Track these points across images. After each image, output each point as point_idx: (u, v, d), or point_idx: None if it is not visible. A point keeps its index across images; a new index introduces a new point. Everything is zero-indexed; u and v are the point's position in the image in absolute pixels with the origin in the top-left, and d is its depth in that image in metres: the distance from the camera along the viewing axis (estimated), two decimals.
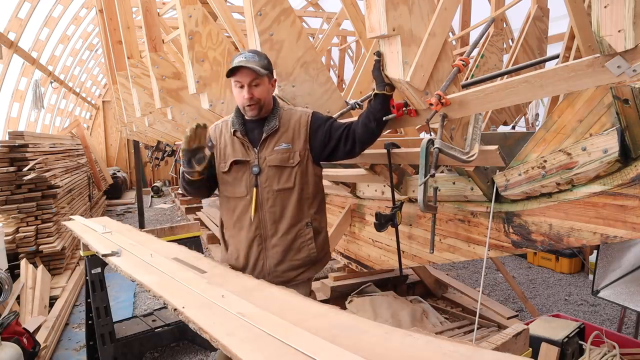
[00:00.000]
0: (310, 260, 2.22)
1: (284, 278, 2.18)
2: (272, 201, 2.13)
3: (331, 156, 2.17)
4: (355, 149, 2.10)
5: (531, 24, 4.37)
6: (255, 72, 2.00)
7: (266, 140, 2.13)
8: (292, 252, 2.18)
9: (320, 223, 2.26)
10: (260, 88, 2.06)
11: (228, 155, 2.18)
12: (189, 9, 2.84)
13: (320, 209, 2.27)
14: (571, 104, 1.81)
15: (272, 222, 2.15)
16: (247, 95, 2.05)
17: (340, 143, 2.09)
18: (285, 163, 2.11)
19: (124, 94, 5.37)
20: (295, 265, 2.19)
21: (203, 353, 3.84)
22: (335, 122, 2.15)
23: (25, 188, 5.49)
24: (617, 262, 3.12)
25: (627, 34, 1.19)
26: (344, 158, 2.19)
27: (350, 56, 10.35)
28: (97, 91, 16.15)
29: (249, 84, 2.04)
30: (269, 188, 2.12)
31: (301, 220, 2.17)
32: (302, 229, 2.17)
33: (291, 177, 2.12)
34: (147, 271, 2.05)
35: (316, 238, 2.22)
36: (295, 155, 2.12)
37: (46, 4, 7.89)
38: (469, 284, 5.07)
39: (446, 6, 1.78)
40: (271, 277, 2.15)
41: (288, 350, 1.18)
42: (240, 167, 2.16)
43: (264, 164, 2.12)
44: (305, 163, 2.15)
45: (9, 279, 3.73)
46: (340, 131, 2.09)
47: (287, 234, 2.15)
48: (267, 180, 2.12)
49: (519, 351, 1.78)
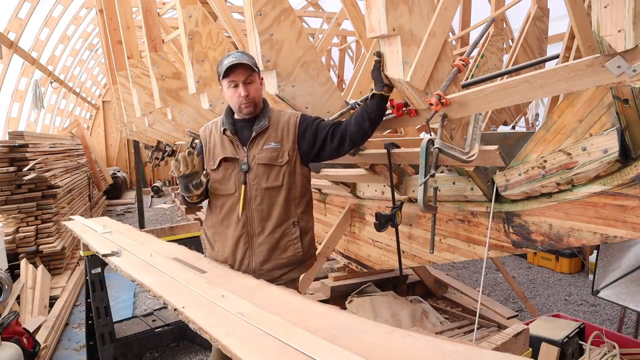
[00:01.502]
0: (296, 259, 2.22)
1: (269, 277, 2.16)
2: (260, 199, 2.14)
3: (319, 155, 2.17)
4: (343, 146, 2.09)
5: (531, 24, 4.38)
6: (250, 68, 2.05)
7: (255, 138, 2.15)
8: (278, 250, 2.18)
9: (307, 223, 2.27)
10: (254, 85, 2.11)
11: (217, 153, 2.21)
12: (189, 9, 2.84)
13: (307, 210, 2.28)
14: (571, 104, 1.81)
15: (260, 220, 2.16)
16: (243, 93, 2.08)
17: (327, 141, 2.10)
18: (274, 162, 2.13)
19: (124, 94, 5.37)
20: (280, 264, 2.20)
21: (203, 353, 3.84)
22: (322, 121, 2.16)
23: (25, 188, 5.49)
24: (617, 262, 3.12)
25: (627, 34, 1.19)
26: (333, 156, 2.19)
27: (350, 56, 10.36)
28: (97, 91, 16.15)
29: (243, 82, 2.08)
30: (258, 186, 2.13)
31: (288, 219, 2.18)
32: (288, 228, 2.18)
33: (279, 175, 2.14)
34: (147, 271, 2.05)
35: (302, 238, 2.23)
36: (284, 155, 2.14)
37: (46, 4, 7.90)
38: (469, 284, 5.07)
39: (446, 6, 1.78)
40: (256, 275, 2.13)
41: (288, 350, 1.18)
42: (229, 164, 2.18)
43: (253, 162, 2.14)
44: (294, 163, 2.16)
45: (9, 279, 3.73)
46: (327, 129, 2.10)
47: (274, 232, 2.16)
48: (255, 177, 2.13)
49: (519, 351, 1.78)
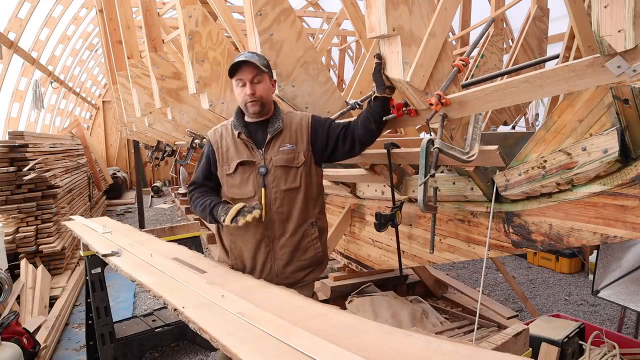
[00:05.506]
0: (317, 259, 2.23)
1: (292, 279, 2.18)
2: (280, 201, 2.13)
3: (332, 157, 2.19)
4: (355, 149, 2.11)
5: (531, 24, 4.37)
6: (256, 67, 2.03)
7: (271, 141, 2.14)
8: (300, 252, 2.18)
9: (323, 223, 2.29)
10: (262, 85, 2.08)
11: (232, 157, 2.17)
12: (189, 9, 2.84)
13: (322, 209, 2.29)
14: (571, 104, 1.81)
15: (280, 222, 2.15)
16: (249, 92, 2.06)
17: (339, 143, 2.11)
18: (291, 163, 2.12)
19: (124, 94, 5.37)
20: (302, 265, 2.20)
21: (203, 353, 3.84)
22: (333, 123, 2.16)
23: (25, 188, 5.48)
24: (617, 262, 3.12)
25: (627, 34, 1.19)
26: (345, 158, 2.20)
27: (350, 56, 10.36)
28: (97, 91, 16.15)
29: (250, 81, 2.06)
30: (277, 188, 2.12)
31: (307, 220, 2.18)
32: (308, 228, 2.18)
33: (297, 177, 2.13)
34: (147, 271, 2.05)
35: (321, 237, 2.24)
36: (300, 156, 2.13)
37: (46, 4, 7.89)
38: (469, 284, 5.07)
39: (446, 6, 1.78)
40: (279, 279, 2.15)
41: (288, 350, 1.18)
42: (246, 168, 2.15)
43: (271, 165, 2.12)
44: (309, 164, 2.16)
45: (9, 279, 3.73)
46: (338, 131, 2.11)
47: (295, 234, 2.16)
48: (274, 180, 2.12)
49: (519, 351, 1.78)
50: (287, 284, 2.06)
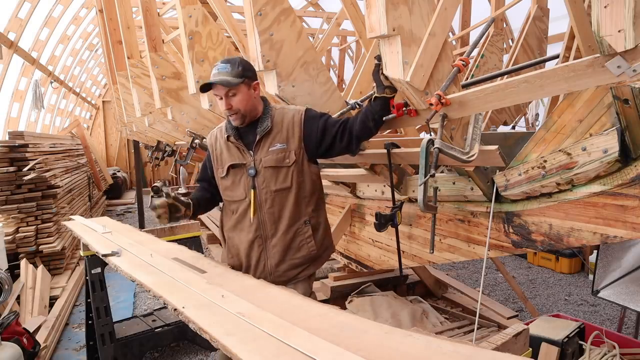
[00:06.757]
0: (311, 257, 2.22)
1: (285, 277, 2.19)
2: (270, 202, 2.13)
3: (327, 153, 2.17)
4: (351, 146, 2.10)
5: (531, 24, 4.37)
6: (227, 84, 2.01)
7: (260, 141, 2.13)
8: (292, 251, 2.18)
9: (318, 219, 2.26)
10: (238, 97, 2.06)
11: (224, 160, 2.21)
12: (189, 9, 2.84)
13: (318, 206, 2.27)
14: (571, 104, 1.81)
15: (272, 223, 2.16)
16: (225, 107, 2.07)
17: (336, 140, 2.10)
18: (280, 163, 2.11)
19: (124, 94, 5.37)
20: (295, 264, 2.20)
21: (203, 353, 3.84)
22: (330, 118, 2.15)
23: (25, 188, 5.48)
24: (617, 262, 3.12)
25: (627, 34, 1.19)
26: (341, 154, 2.20)
27: (350, 56, 10.35)
28: (97, 91, 16.15)
29: (225, 95, 2.05)
30: (267, 189, 2.13)
31: (299, 219, 2.17)
32: (300, 227, 2.18)
33: (288, 176, 2.13)
34: (147, 271, 2.05)
35: (315, 235, 2.22)
36: (291, 155, 2.12)
37: (46, 4, 7.89)
38: (469, 284, 5.07)
39: (446, 6, 1.78)
40: (273, 277, 2.16)
41: (288, 350, 1.18)
42: (237, 170, 2.18)
43: (260, 166, 2.12)
44: (301, 162, 2.14)
45: (9, 279, 3.73)
46: (336, 128, 2.09)
47: (287, 233, 2.16)
48: (264, 181, 2.12)
49: (519, 351, 1.78)
50: (281, 282, 2.09)
